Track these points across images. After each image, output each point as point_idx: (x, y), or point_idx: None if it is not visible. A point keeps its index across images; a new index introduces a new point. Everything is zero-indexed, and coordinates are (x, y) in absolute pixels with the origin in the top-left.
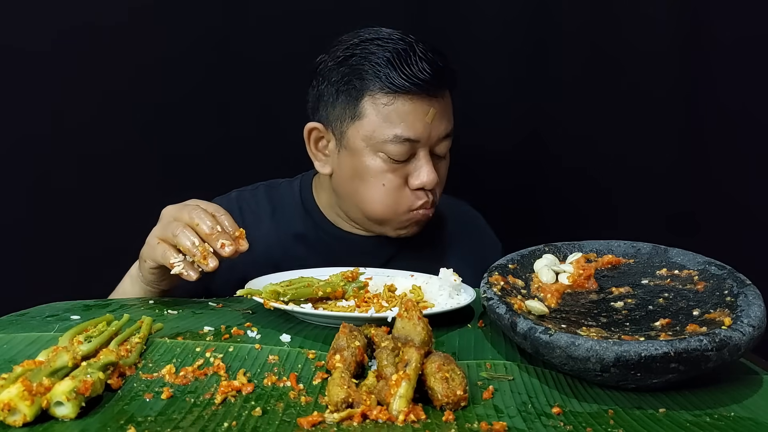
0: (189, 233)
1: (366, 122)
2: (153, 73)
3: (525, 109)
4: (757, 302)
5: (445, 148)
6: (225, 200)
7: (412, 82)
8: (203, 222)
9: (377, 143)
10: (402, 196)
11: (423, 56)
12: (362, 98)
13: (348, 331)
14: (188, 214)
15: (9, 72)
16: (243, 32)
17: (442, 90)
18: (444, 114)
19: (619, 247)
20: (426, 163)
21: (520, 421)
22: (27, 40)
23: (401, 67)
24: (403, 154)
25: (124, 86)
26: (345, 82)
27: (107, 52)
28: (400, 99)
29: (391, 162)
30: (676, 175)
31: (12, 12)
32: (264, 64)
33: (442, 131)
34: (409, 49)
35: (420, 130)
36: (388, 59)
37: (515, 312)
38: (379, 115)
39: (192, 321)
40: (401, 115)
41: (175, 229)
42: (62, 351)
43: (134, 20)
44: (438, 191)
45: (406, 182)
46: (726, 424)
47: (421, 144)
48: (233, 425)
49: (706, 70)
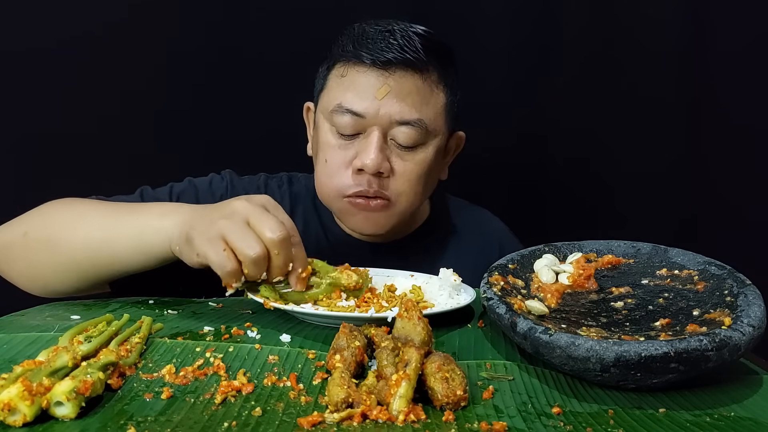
0: (263, 264)
1: (326, 92)
2: (157, 74)
3: (526, 110)
4: (757, 302)
5: (407, 137)
6: (253, 183)
7: (368, 53)
8: (279, 263)
9: (327, 114)
10: (343, 176)
11: (397, 34)
12: (330, 70)
13: (348, 331)
14: (271, 240)
15: (9, 73)
16: (246, 31)
17: (406, 71)
18: (405, 98)
19: (619, 247)
20: (372, 143)
21: (520, 421)
22: (27, 42)
23: (364, 40)
24: (347, 127)
25: (126, 87)
26: (326, 58)
27: (108, 53)
28: (353, 69)
29: (338, 137)
30: (676, 176)
31: (13, 14)
32: (268, 63)
33: (398, 114)
34: (387, 28)
35: (366, 104)
36: (360, 32)
37: (515, 312)
38: (334, 84)
39: (192, 321)
40: (351, 86)
41: (252, 249)
42: (62, 351)
43: (136, 21)
44: (396, 188)
45: (351, 163)
46: (726, 424)
47: (369, 121)
48: (233, 425)
49: (708, 71)
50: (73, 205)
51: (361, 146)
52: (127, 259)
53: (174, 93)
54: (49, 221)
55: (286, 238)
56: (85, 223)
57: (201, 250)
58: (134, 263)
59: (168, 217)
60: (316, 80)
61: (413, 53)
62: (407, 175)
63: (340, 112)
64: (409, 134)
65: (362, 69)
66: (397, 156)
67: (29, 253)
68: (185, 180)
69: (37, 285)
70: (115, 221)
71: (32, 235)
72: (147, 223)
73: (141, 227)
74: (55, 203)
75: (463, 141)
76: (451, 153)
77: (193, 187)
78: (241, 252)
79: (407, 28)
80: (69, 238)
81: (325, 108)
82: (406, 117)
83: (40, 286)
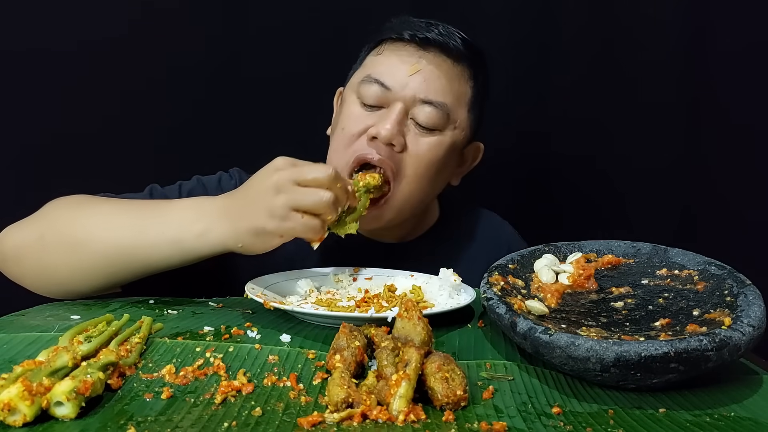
0: (337, 203)
1: (359, 70)
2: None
3: (526, 110)
4: (757, 302)
5: (428, 118)
6: None
7: (409, 29)
8: (342, 192)
9: (356, 86)
10: (355, 143)
11: (439, 26)
12: (368, 53)
13: (348, 331)
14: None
15: (10, 74)
16: (253, 29)
17: (440, 54)
18: (435, 80)
19: (619, 247)
20: (393, 114)
21: (520, 421)
22: (28, 43)
23: (408, 23)
24: (372, 97)
25: (130, 87)
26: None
27: (112, 52)
28: (391, 46)
29: (361, 107)
30: (676, 176)
31: (14, 15)
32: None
33: (424, 93)
34: (431, 21)
35: (396, 78)
36: (404, 19)
37: (515, 312)
38: (369, 62)
39: (192, 321)
40: (385, 60)
41: (324, 197)
42: (62, 351)
43: (141, 20)
44: (403, 166)
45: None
46: (726, 424)
47: (394, 95)
48: (233, 425)
49: (708, 71)
50: (90, 205)
51: (380, 117)
52: (164, 262)
53: (176, 93)
54: (68, 223)
55: (332, 169)
56: (114, 227)
57: (283, 229)
58: (171, 264)
59: (204, 220)
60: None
61: (452, 40)
62: (418, 156)
63: (369, 81)
64: (430, 115)
65: (400, 45)
66: (413, 135)
67: (45, 255)
68: (193, 178)
69: (50, 286)
70: (145, 227)
71: (50, 237)
72: (182, 228)
73: (175, 233)
74: (66, 202)
75: (481, 152)
76: (467, 163)
77: (202, 185)
78: (317, 207)
79: (450, 27)
80: (97, 241)
81: (355, 82)
82: (431, 97)
83: (54, 288)
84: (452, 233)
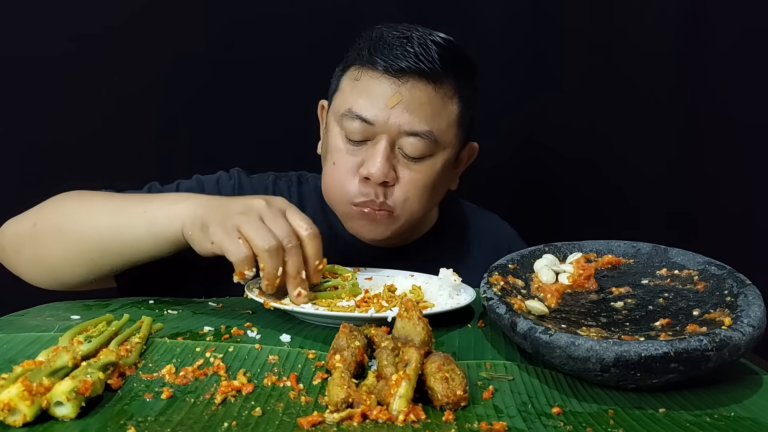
0: (279, 260)
1: (338, 95)
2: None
3: (525, 111)
4: (757, 302)
5: (415, 148)
6: (262, 182)
7: (382, 59)
8: (294, 261)
9: (338, 117)
10: (349, 183)
11: (414, 42)
12: (345, 72)
13: (348, 331)
14: (287, 238)
15: (9, 73)
16: (254, 27)
17: (419, 81)
18: (416, 108)
19: (619, 247)
20: (379, 152)
21: (520, 421)
22: (30, 47)
23: (381, 45)
24: (357, 133)
25: (132, 86)
26: (343, 59)
27: (114, 49)
28: (367, 74)
29: (347, 142)
30: (676, 176)
31: (15, 16)
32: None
33: (407, 125)
34: (406, 35)
35: (376, 112)
36: (377, 37)
37: (515, 312)
38: (347, 88)
39: (192, 321)
40: (363, 91)
41: (268, 243)
42: (62, 351)
43: (142, 16)
44: (401, 197)
45: (358, 170)
46: (726, 424)
47: (378, 129)
48: (233, 425)
49: (705, 72)
50: (83, 196)
51: (368, 153)
52: (139, 246)
53: (177, 92)
54: (59, 211)
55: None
56: (96, 212)
57: (216, 238)
58: (145, 250)
59: (180, 202)
60: (332, 79)
61: (428, 63)
62: (412, 184)
63: (350, 117)
64: (417, 145)
65: (376, 75)
66: (403, 165)
67: (38, 244)
68: (193, 177)
69: (45, 276)
70: (126, 209)
71: (41, 226)
72: (159, 208)
73: (152, 213)
74: (65, 195)
75: (476, 152)
76: (462, 163)
77: (200, 184)
78: (255, 240)
79: (426, 35)
80: (79, 226)
81: (337, 111)
82: (415, 128)
83: (49, 278)
84: (452, 234)
